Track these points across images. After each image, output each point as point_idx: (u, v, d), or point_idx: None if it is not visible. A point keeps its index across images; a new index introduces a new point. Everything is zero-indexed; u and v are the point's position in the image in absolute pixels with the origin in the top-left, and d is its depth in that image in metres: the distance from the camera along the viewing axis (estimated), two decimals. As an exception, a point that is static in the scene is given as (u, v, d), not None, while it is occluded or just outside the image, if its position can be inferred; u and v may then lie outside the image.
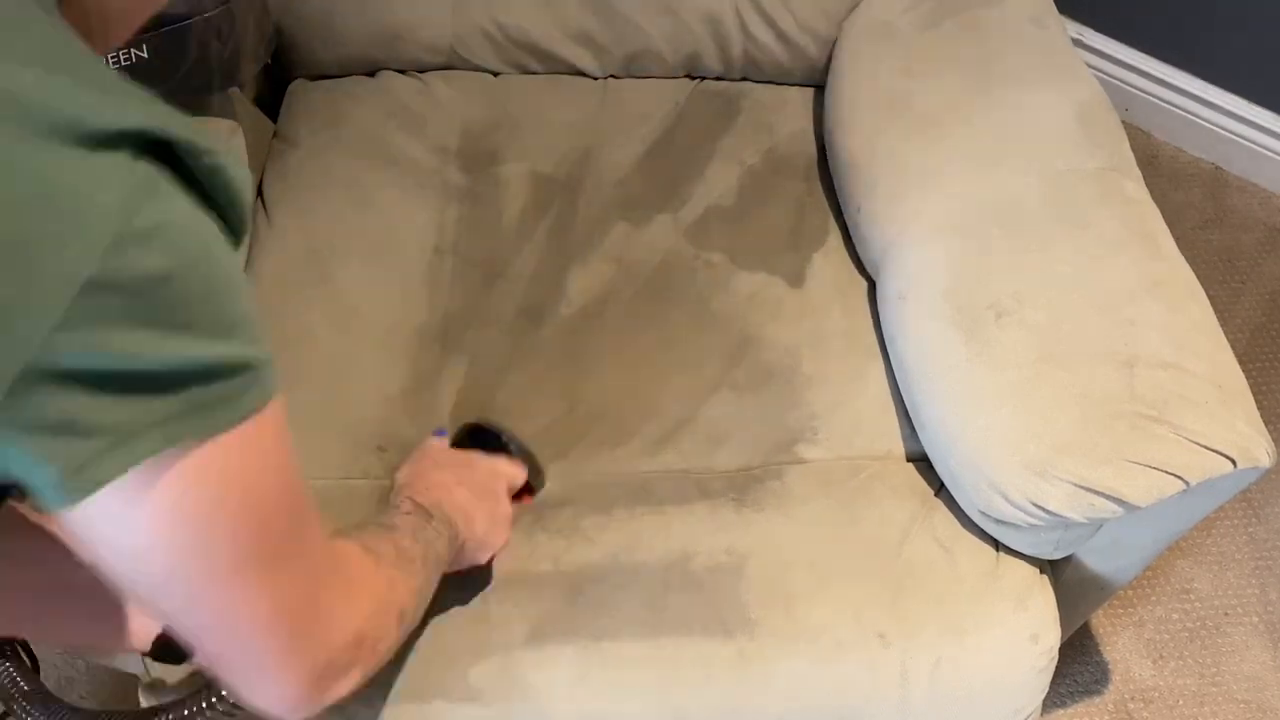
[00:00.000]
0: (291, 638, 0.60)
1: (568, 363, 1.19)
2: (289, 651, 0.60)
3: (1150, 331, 1.02)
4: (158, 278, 0.45)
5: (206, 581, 0.54)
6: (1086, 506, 0.96)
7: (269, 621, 0.58)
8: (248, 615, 0.57)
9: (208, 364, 0.48)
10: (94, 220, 0.43)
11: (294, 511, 0.57)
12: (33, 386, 0.44)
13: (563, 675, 1.00)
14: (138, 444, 0.47)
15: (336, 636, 0.64)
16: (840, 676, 1.01)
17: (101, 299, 0.43)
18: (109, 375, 0.45)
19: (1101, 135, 1.20)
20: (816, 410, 1.16)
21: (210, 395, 0.49)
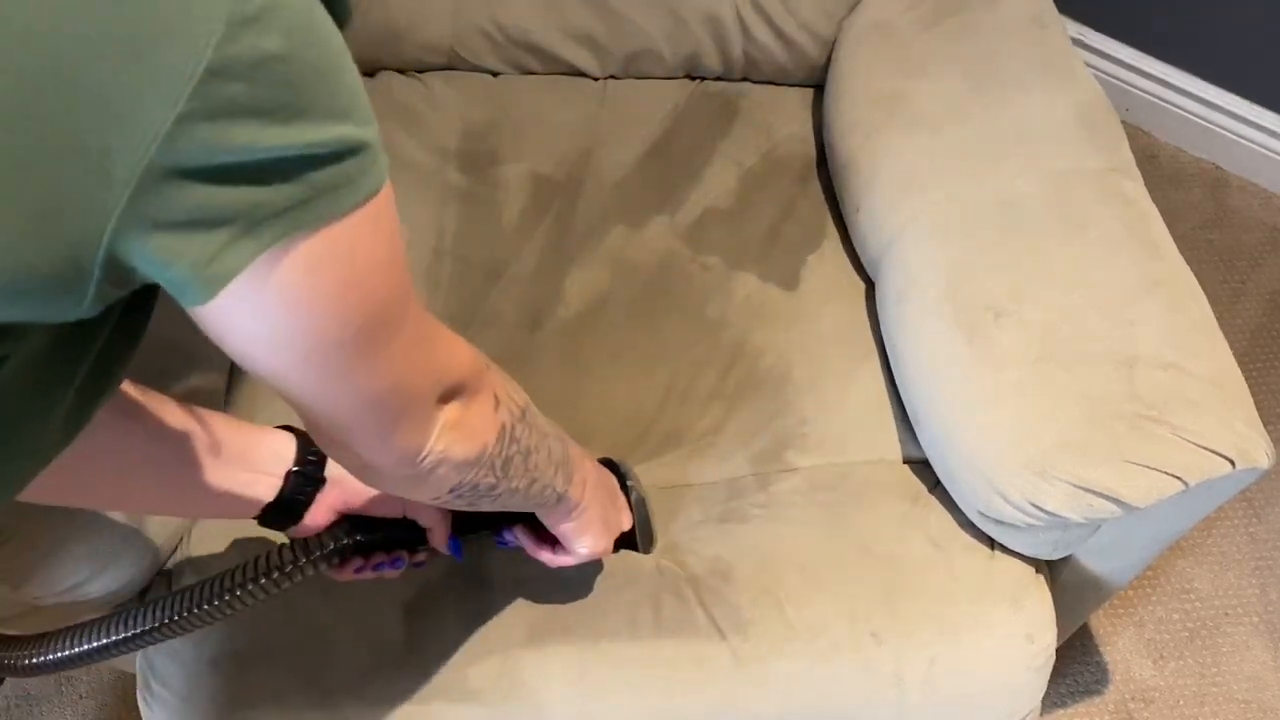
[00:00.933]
0: (412, 385, 0.63)
1: (565, 367, 1.19)
2: (408, 400, 0.63)
3: (1150, 332, 1.02)
4: (273, 58, 0.44)
5: (340, 359, 0.57)
6: (1085, 507, 0.96)
7: (396, 382, 0.61)
8: (379, 382, 0.60)
9: (328, 146, 0.48)
10: (207, 5, 0.42)
11: (402, 292, 0.59)
12: (158, 183, 0.44)
13: (560, 676, 1.00)
14: (264, 231, 0.48)
15: (448, 376, 0.67)
16: (834, 677, 1.02)
17: (220, 86, 0.43)
18: (232, 166, 0.45)
19: (1102, 135, 1.20)
20: (807, 416, 1.16)
21: (332, 177, 0.49)
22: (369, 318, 0.56)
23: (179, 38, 0.42)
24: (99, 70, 0.41)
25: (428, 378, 0.65)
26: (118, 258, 0.46)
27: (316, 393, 0.59)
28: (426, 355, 0.64)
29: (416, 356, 0.63)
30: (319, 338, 0.54)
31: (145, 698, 1.02)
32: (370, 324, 0.57)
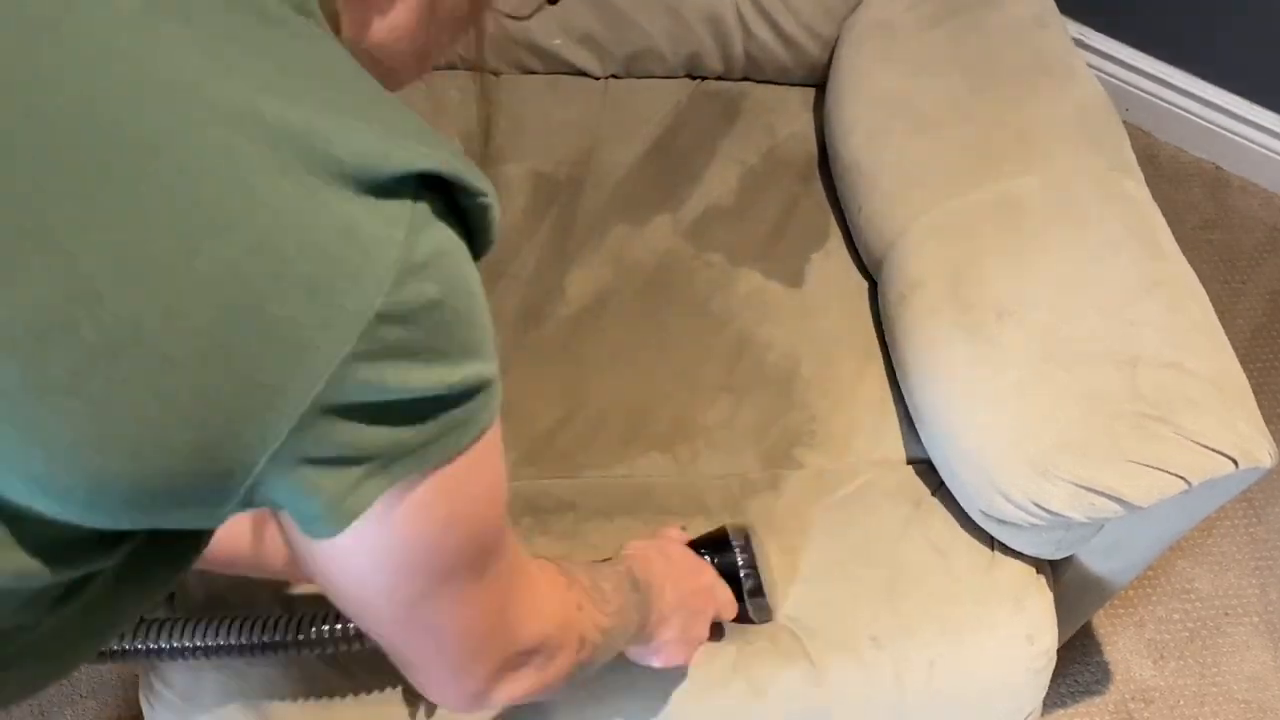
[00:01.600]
0: (482, 641, 0.63)
1: (568, 365, 1.19)
2: (477, 654, 0.64)
3: (1151, 332, 1.02)
4: (432, 304, 0.46)
5: (421, 595, 0.56)
6: (1088, 506, 0.96)
7: (466, 628, 0.61)
8: (450, 624, 0.60)
9: (464, 385, 0.49)
10: (385, 255, 0.44)
11: (501, 521, 0.60)
12: (315, 420, 0.44)
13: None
14: (397, 468, 0.48)
15: (522, 639, 0.67)
16: (835, 679, 1.01)
17: (385, 329, 0.44)
18: (383, 405, 0.46)
19: (1103, 135, 1.20)
20: (815, 413, 1.16)
21: (461, 415, 0.50)
22: (463, 557, 0.57)
23: (356, 281, 0.43)
24: (284, 309, 0.42)
25: (500, 626, 0.64)
26: (263, 486, 0.46)
27: (385, 623, 0.59)
28: (507, 598, 0.64)
29: (500, 594, 0.63)
30: (413, 569, 0.55)
31: (147, 697, 1.02)
32: (462, 563, 0.57)
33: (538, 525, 1.06)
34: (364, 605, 0.57)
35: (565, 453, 1.13)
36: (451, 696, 0.67)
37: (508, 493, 0.60)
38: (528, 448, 1.13)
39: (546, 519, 1.07)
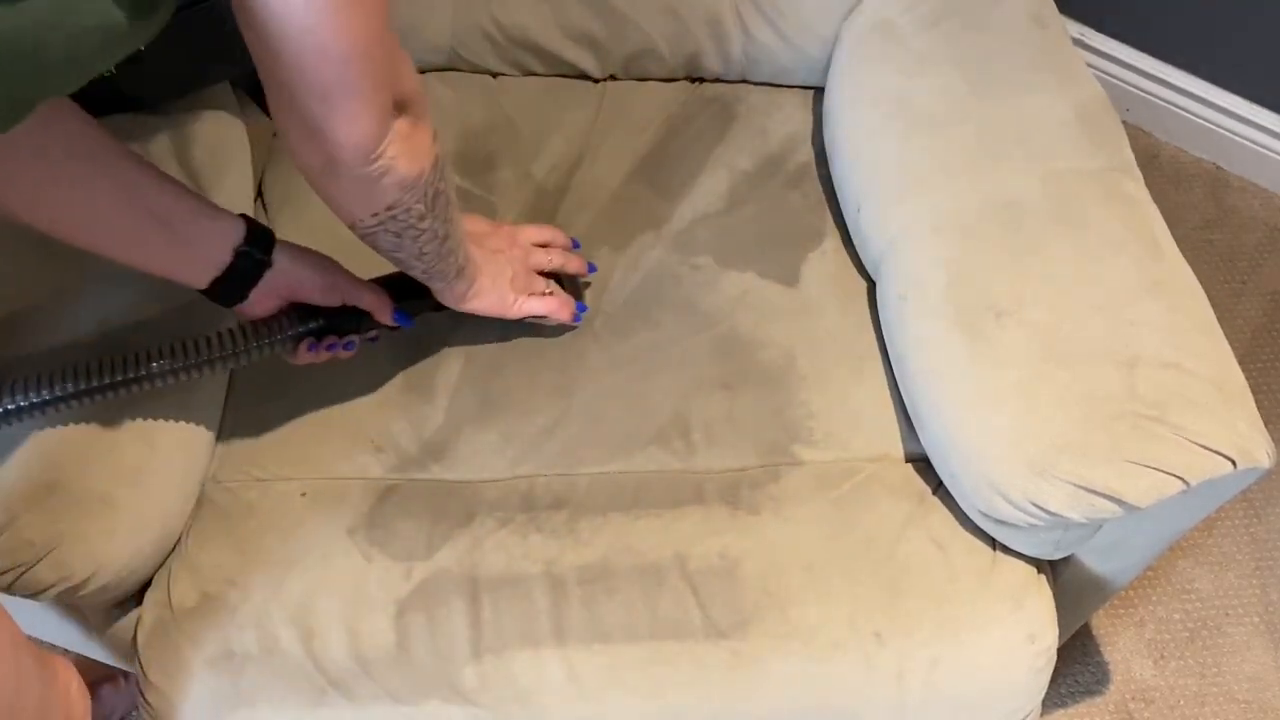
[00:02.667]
0: (382, 66, 0.76)
1: (563, 362, 1.19)
2: (373, 82, 0.76)
3: (1151, 332, 1.02)
4: None
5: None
6: (1087, 507, 0.96)
7: (365, 47, 0.73)
8: (355, 37, 0.72)
9: None
10: None
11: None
12: None
13: (556, 677, 1.00)
14: None
15: (403, 85, 0.80)
16: (835, 677, 1.01)
17: None
18: None
19: (1102, 135, 1.20)
20: (813, 410, 1.16)
21: None
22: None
23: None
24: None
25: (389, 64, 0.77)
26: None
27: (306, 31, 0.70)
28: (393, 43, 0.78)
29: (386, 37, 0.76)
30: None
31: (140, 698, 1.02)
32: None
33: (531, 522, 1.06)
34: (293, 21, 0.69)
35: (561, 450, 1.13)
36: (357, 134, 0.78)
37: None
38: (523, 445, 1.13)
39: (540, 516, 1.07)
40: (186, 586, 1.02)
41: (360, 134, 0.78)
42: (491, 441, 1.13)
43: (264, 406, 1.14)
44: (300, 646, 1.00)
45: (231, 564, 1.03)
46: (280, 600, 1.01)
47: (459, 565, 1.03)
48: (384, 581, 1.02)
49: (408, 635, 1.00)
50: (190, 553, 1.05)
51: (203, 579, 1.02)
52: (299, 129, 0.77)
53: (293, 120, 0.77)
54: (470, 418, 1.14)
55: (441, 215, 0.93)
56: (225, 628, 1.00)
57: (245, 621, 1.00)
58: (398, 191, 0.85)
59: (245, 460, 1.11)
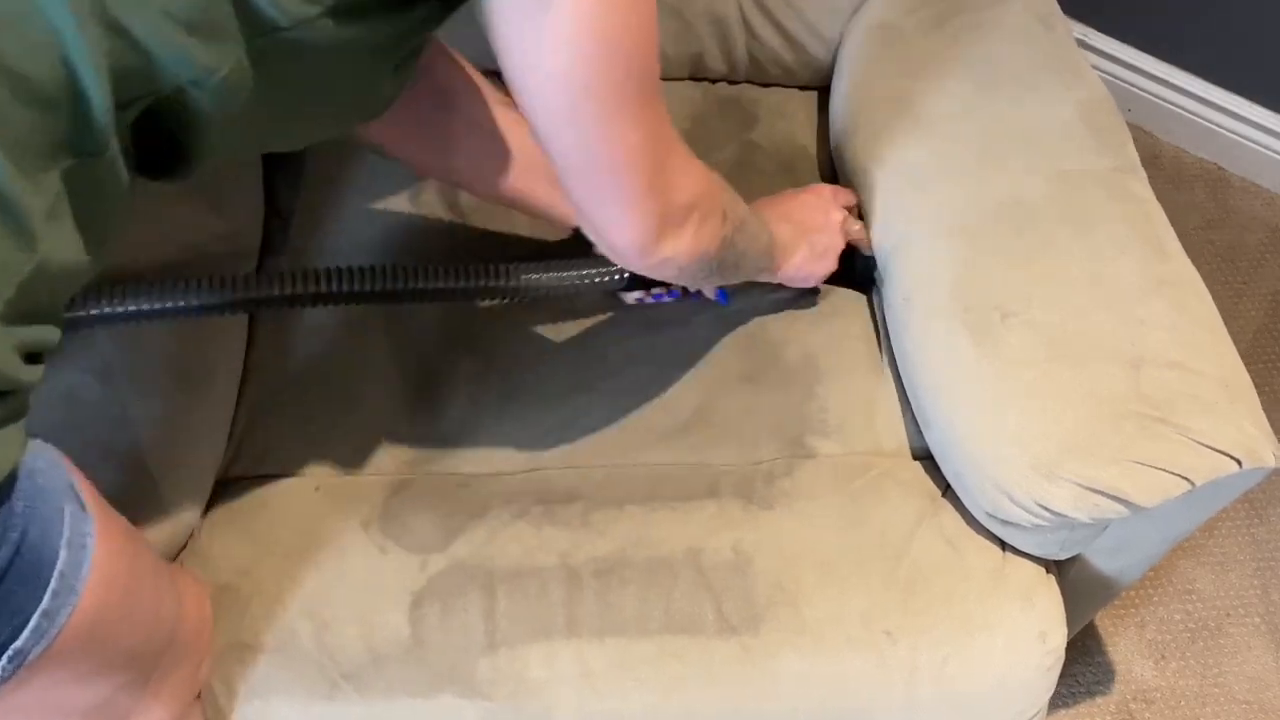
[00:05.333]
0: (648, 179, 0.77)
1: (581, 358, 1.19)
2: (644, 191, 0.78)
3: (1156, 332, 1.02)
4: None
5: (598, 112, 0.71)
6: (1092, 507, 0.96)
7: (634, 158, 0.75)
8: (622, 149, 0.74)
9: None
10: None
11: (656, 69, 0.74)
12: None
13: (568, 671, 1.00)
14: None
15: (677, 193, 0.81)
16: (847, 674, 1.02)
17: None
18: None
19: (1106, 136, 1.20)
20: (827, 404, 1.16)
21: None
22: (631, 79, 0.71)
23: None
24: None
25: (659, 174, 0.78)
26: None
27: (570, 145, 0.73)
28: (667, 147, 0.79)
29: (660, 139, 0.78)
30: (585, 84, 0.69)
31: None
32: (630, 88, 0.71)
33: (546, 514, 1.07)
34: (556, 121, 0.72)
35: (575, 443, 1.14)
36: (625, 240, 0.80)
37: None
38: (537, 438, 1.14)
39: (555, 509, 1.07)
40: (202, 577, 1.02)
41: (628, 239, 0.81)
42: (506, 435, 1.14)
43: (276, 402, 1.14)
44: (314, 639, 1.00)
45: (245, 556, 1.04)
46: (294, 593, 1.01)
47: (474, 557, 1.04)
48: (398, 574, 1.03)
49: (422, 628, 1.00)
50: (204, 546, 1.05)
51: (216, 571, 1.03)
52: (578, 211, 0.81)
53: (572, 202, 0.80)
54: (485, 412, 1.15)
55: (730, 268, 0.98)
56: (239, 619, 1.00)
57: (259, 613, 1.01)
58: (678, 273, 0.88)
59: (258, 455, 1.12)
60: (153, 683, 0.88)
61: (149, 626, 0.83)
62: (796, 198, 1.18)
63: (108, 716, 0.86)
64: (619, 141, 0.73)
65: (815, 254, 1.15)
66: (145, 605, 0.82)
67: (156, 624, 0.85)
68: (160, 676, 0.89)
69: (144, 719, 0.89)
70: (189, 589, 0.95)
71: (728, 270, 0.98)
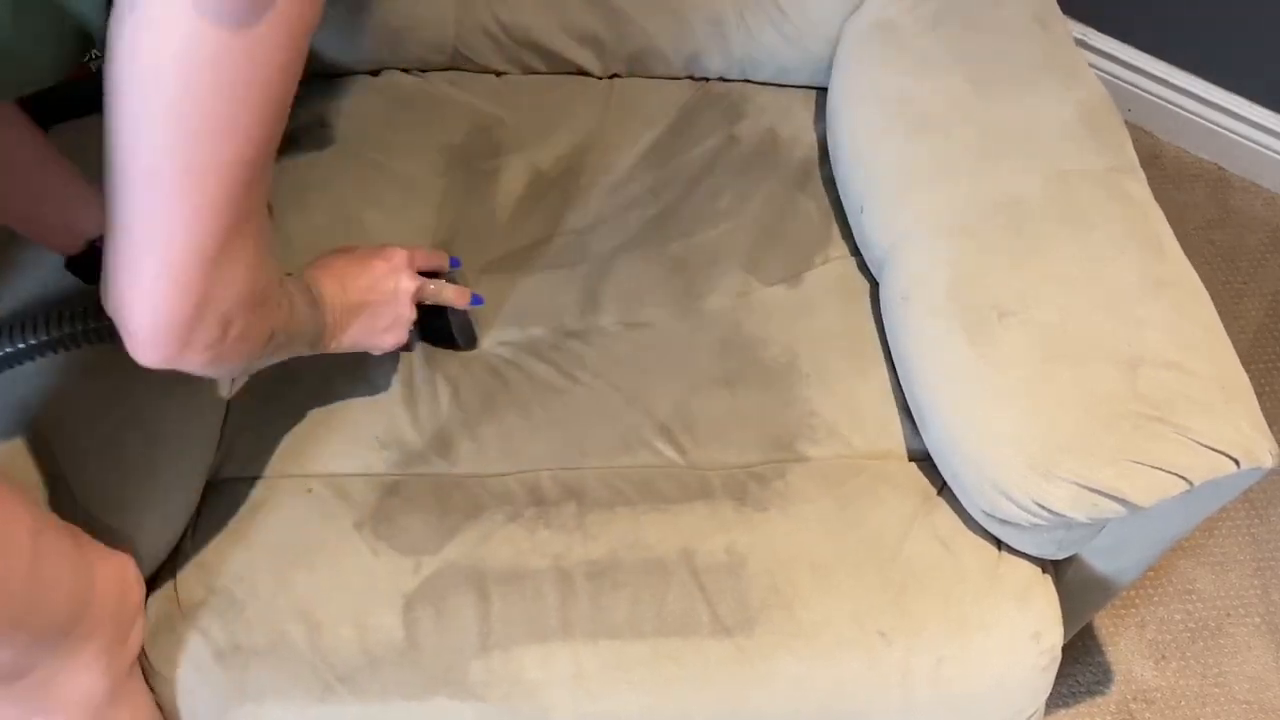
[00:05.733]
0: (198, 258, 0.67)
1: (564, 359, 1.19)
2: (191, 269, 0.67)
3: (1154, 332, 1.02)
4: None
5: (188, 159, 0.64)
6: (1090, 506, 0.96)
7: (195, 228, 0.66)
8: (189, 211, 0.66)
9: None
10: None
11: (271, 152, 0.68)
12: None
13: (563, 673, 1.00)
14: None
15: (225, 287, 0.70)
16: (841, 675, 1.01)
17: None
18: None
19: (1105, 135, 1.20)
20: (816, 408, 1.16)
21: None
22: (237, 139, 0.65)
23: None
24: None
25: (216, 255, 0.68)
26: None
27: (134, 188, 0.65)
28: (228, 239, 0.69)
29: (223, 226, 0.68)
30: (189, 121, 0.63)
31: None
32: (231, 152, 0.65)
33: (540, 516, 1.06)
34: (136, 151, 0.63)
35: (564, 445, 1.13)
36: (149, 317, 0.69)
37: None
38: (525, 440, 1.13)
39: (549, 511, 1.07)
40: (193, 581, 1.02)
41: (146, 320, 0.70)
42: (495, 437, 1.13)
43: (267, 405, 1.14)
44: (307, 641, 1.00)
45: (239, 559, 1.03)
46: (287, 595, 1.01)
47: (467, 559, 1.04)
48: (391, 576, 1.03)
49: (416, 630, 1.00)
50: (197, 548, 1.05)
51: (210, 574, 1.03)
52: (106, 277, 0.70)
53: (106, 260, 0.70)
54: (473, 414, 1.15)
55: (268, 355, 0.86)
56: (232, 622, 1.00)
57: (253, 616, 1.01)
58: (200, 369, 0.76)
59: (250, 458, 1.11)
60: (65, 650, 0.87)
61: (28, 595, 0.80)
62: (363, 265, 1.04)
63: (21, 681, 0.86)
64: (188, 202, 0.65)
65: (377, 328, 1.04)
66: (15, 575, 0.79)
67: (41, 593, 0.82)
68: (76, 644, 0.88)
69: (71, 685, 0.89)
70: (100, 556, 0.92)
71: (265, 359, 0.87)
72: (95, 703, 0.91)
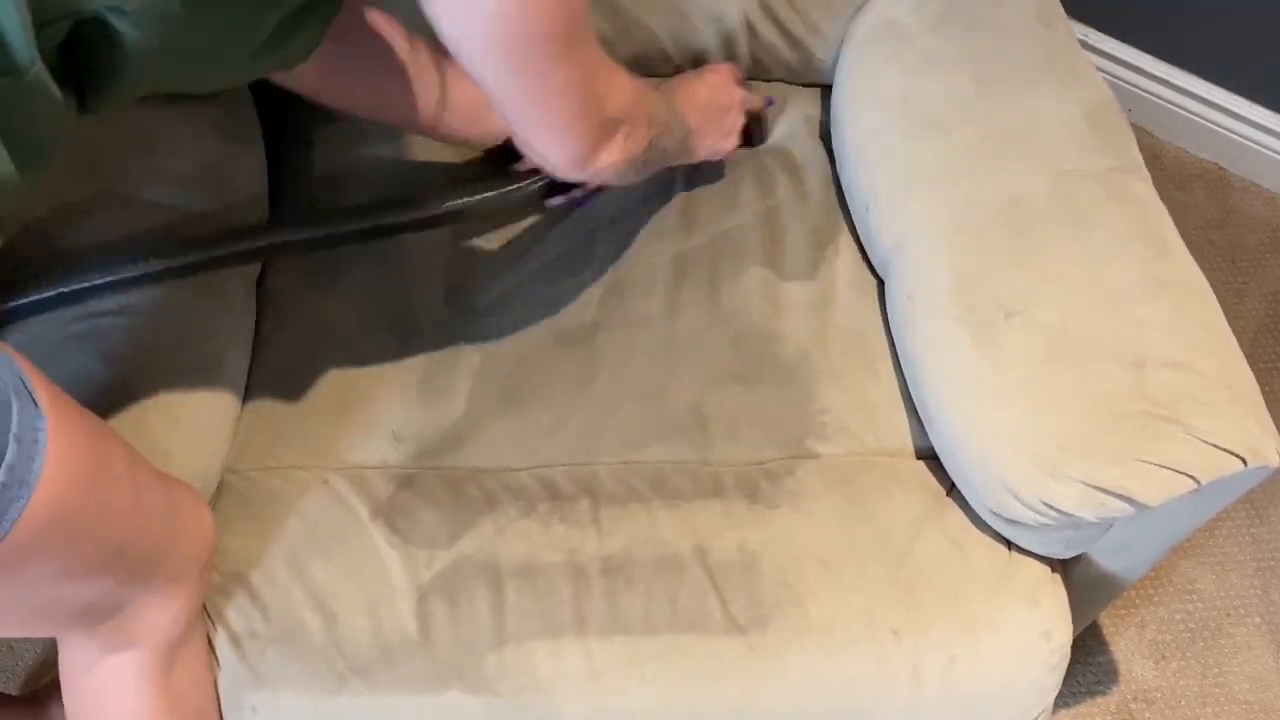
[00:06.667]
0: (580, 103, 0.85)
1: (581, 354, 1.20)
2: (577, 114, 0.85)
3: (1159, 331, 1.03)
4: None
5: (529, 51, 0.77)
6: (1097, 506, 0.97)
7: (568, 89, 0.82)
8: (557, 82, 0.81)
9: None
10: None
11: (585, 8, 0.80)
12: None
13: (576, 668, 1.00)
14: None
15: (608, 110, 0.88)
16: (852, 673, 1.02)
17: None
18: None
19: (1109, 135, 1.21)
20: (827, 405, 1.16)
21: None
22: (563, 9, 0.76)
23: None
24: None
25: (585, 97, 0.85)
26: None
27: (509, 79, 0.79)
28: (595, 72, 0.85)
29: (590, 67, 0.84)
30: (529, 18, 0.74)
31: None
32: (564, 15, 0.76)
33: (554, 511, 1.07)
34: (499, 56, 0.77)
35: (579, 440, 1.14)
36: (560, 153, 0.88)
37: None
38: (542, 435, 1.14)
39: (563, 506, 1.08)
40: (210, 569, 1.03)
41: (567, 156, 0.89)
42: (510, 431, 1.14)
43: (284, 397, 1.15)
44: (323, 631, 1.00)
45: (255, 547, 1.04)
46: (303, 585, 1.02)
47: (481, 553, 1.04)
48: (406, 568, 1.03)
49: (430, 623, 1.01)
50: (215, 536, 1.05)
51: (227, 561, 1.03)
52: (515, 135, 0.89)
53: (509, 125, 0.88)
54: (489, 408, 1.15)
55: (655, 160, 1.05)
56: (248, 609, 1.01)
57: (269, 604, 1.01)
58: (611, 176, 0.96)
59: (265, 449, 1.12)
60: (154, 586, 0.89)
61: (130, 524, 0.83)
62: (703, 81, 1.25)
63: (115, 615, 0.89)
64: (554, 76, 0.80)
65: (723, 133, 1.25)
66: (120, 503, 0.81)
67: (141, 522, 0.85)
68: (164, 581, 0.90)
69: (153, 621, 0.91)
70: (185, 498, 0.95)
71: (653, 165, 1.06)
72: (171, 639, 0.93)
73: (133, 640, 0.91)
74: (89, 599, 0.84)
